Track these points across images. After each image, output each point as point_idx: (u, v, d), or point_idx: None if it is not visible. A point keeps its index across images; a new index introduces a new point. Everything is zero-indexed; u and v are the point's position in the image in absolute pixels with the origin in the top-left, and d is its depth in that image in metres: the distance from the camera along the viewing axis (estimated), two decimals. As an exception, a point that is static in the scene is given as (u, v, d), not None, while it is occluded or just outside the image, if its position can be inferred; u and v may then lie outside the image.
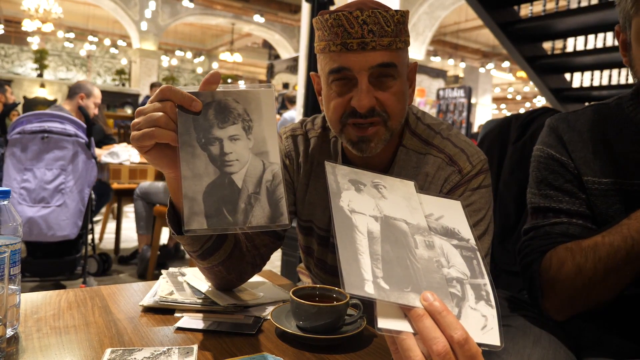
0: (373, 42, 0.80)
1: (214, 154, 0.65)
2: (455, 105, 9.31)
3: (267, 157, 0.67)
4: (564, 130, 0.96)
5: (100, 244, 4.13)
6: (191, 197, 0.62)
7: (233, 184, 0.65)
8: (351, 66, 0.82)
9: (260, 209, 0.64)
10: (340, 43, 0.81)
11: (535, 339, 0.85)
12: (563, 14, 3.24)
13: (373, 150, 0.86)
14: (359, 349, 0.73)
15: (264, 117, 0.68)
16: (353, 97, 0.83)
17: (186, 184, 0.63)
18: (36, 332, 0.73)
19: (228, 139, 0.66)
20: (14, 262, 0.70)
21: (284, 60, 11.57)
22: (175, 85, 0.67)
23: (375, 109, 0.83)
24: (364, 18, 0.80)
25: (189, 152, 0.64)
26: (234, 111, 0.67)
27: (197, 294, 0.90)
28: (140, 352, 0.67)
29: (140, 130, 0.66)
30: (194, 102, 0.65)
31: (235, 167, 0.65)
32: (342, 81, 0.84)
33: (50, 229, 2.49)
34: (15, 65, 14.73)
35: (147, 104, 0.68)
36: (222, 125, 0.66)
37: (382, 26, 0.81)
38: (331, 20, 0.81)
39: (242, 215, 0.63)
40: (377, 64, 0.81)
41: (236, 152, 0.66)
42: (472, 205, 0.87)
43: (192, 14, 13.85)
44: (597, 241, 0.81)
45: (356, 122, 0.84)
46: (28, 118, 2.58)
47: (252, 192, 0.65)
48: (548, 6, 3.76)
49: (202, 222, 0.62)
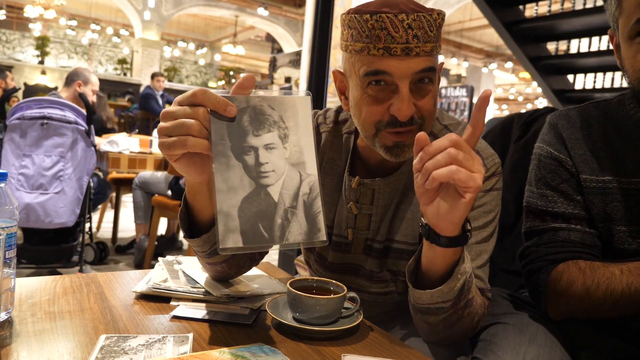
0: (417, 48, 0.76)
1: (249, 164, 0.62)
2: (457, 104, 9.29)
3: (304, 168, 0.63)
4: (563, 127, 0.96)
5: (97, 233, 4.12)
6: (226, 213, 0.59)
7: (269, 197, 0.61)
8: (393, 72, 0.77)
9: (297, 224, 0.61)
10: (383, 47, 0.76)
11: (532, 337, 0.85)
12: (568, 15, 3.23)
13: (407, 155, 0.82)
14: (355, 342, 0.73)
15: (301, 125, 0.64)
16: (392, 104, 0.78)
17: (220, 197, 0.59)
18: (30, 317, 0.72)
19: (264, 148, 0.63)
20: (9, 246, 0.69)
21: (286, 54, 11.53)
22: (180, 77, 0.64)
23: (414, 116, 0.79)
24: (409, 22, 0.75)
25: (224, 163, 0.61)
26: (269, 118, 0.63)
27: (191, 283, 0.89)
28: (135, 339, 0.66)
29: (170, 138, 0.62)
30: (228, 107, 0.61)
31: (271, 179, 0.62)
32: (380, 85, 0.79)
33: (47, 216, 2.49)
34: (17, 51, 14.65)
35: (175, 107, 0.64)
36: (257, 133, 0.63)
37: (426, 31, 0.76)
38: (372, 21, 0.76)
39: (278, 232, 0.60)
40: (420, 69, 0.77)
41: (272, 162, 0.63)
42: (483, 206, 0.86)
43: (195, 5, 13.78)
44: (614, 274, 0.81)
45: (395, 130, 0.80)
46: (28, 104, 2.57)
47: (289, 206, 0.62)
48: (553, 7, 3.75)
49: (238, 241, 0.59)
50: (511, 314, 0.95)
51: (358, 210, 0.94)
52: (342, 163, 0.98)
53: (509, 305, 1.00)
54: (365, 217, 0.94)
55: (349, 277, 0.98)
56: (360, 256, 0.97)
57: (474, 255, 0.84)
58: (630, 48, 0.83)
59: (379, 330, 0.79)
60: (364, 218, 0.95)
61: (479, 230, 0.85)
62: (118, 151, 3.50)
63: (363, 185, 0.93)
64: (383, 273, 0.94)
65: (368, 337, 0.76)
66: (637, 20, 0.80)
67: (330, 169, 0.98)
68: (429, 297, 0.75)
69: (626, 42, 0.84)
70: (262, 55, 18.71)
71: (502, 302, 1.02)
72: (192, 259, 1.01)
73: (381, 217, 0.93)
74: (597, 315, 0.85)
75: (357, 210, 0.94)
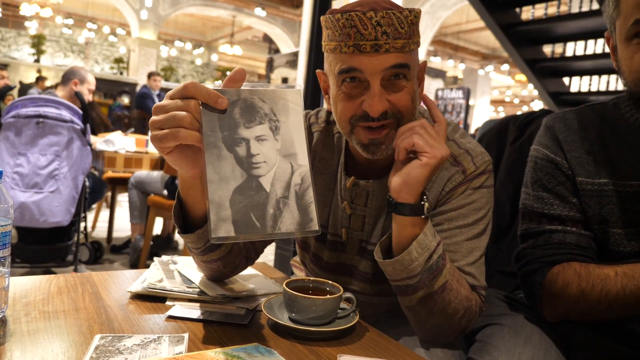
0: (386, 45, 0.77)
1: (240, 156, 0.62)
2: (454, 106, 9.32)
3: (295, 159, 0.64)
4: (560, 130, 0.97)
5: (92, 232, 4.11)
6: (218, 203, 0.59)
7: (261, 188, 0.62)
8: (363, 68, 0.79)
9: (290, 214, 0.61)
10: (353, 45, 0.78)
11: (527, 338, 0.86)
12: (564, 18, 3.25)
13: (384, 152, 0.84)
14: (351, 343, 0.73)
15: (291, 117, 0.65)
16: (365, 100, 0.80)
17: (212, 188, 0.60)
18: (24, 316, 0.72)
19: (255, 140, 0.63)
20: (4, 244, 0.68)
21: (284, 55, 11.52)
22: (176, 76, 0.65)
23: (388, 111, 0.81)
24: (377, 19, 0.77)
25: (215, 154, 0.61)
26: (260, 110, 0.64)
27: (186, 283, 0.89)
28: (130, 339, 0.66)
29: (162, 130, 0.62)
30: (219, 99, 0.62)
31: (262, 170, 0.63)
32: (353, 82, 0.81)
33: (42, 215, 2.47)
34: (12, 49, 14.56)
35: (167, 100, 0.64)
36: (249, 125, 0.63)
37: (396, 28, 0.78)
38: (343, 20, 0.78)
39: (270, 222, 0.61)
40: (391, 65, 0.78)
41: (263, 153, 0.63)
42: (473, 203, 0.86)
43: (193, 5, 13.76)
44: (608, 276, 0.81)
45: (367, 125, 0.82)
46: (23, 102, 2.55)
47: (281, 196, 0.62)
48: (549, 10, 3.76)
49: (230, 230, 0.59)
50: (507, 315, 0.96)
51: (352, 210, 0.95)
52: (334, 162, 0.98)
53: (504, 306, 1.01)
54: (359, 218, 0.95)
55: (344, 277, 0.99)
56: (355, 257, 0.97)
57: (466, 252, 0.85)
58: (628, 49, 0.83)
59: (374, 331, 0.79)
60: (358, 219, 0.95)
61: (469, 227, 0.86)
62: (114, 150, 3.49)
63: (357, 186, 0.93)
64: (377, 275, 0.95)
65: (364, 337, 0.76)
66: (634, 22, 0.80)
67: (323, 168, 0.99)
68: (391, 269, 0.78)
69: (623, 44, 0.84)
70: (259, 55, 18.70)
71: (498, 303, 1.03)
72: (187, 258, 1.01)
73: (375, 219, 0.94)
74: (592, 317, 0.85)
75: (350, 210, 0.95)
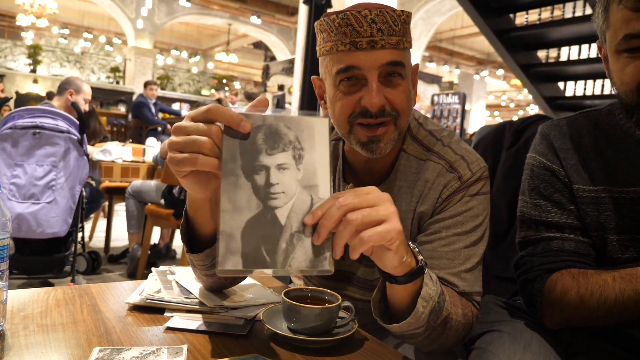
0: (382, 41, 0.80)
1: (258, 184, 0.60)
2: (450, 111, 9.36)
3: (316, 192, 0.61)
4: (555, 138, 0.97)
5: (90, 242, 4.09)
6: (229, 234, 0.58)
7: (275, 221, 0.60)
8: (361, 65, 0.80)
9: (303, 250, 0.59)
10: (349, 42, 0.80)
11: (526, 345, 0.86)
12: (558, 23, 3.28)
13: (383, 150, 0.85)
14: (350, 352, 0.73)
15: (317, 147, 0.62)
16: (363, 96, 0.81)
17: (225, 218, 0.58)
18: (22, 330, 0.71)
19: (275, 168, 0.61)
20: (1, 258, 0.68)
21: (279, 62, 11.57)
22: (173, 85, 0.64)
23: (385, 108, 0.82)
24: (372, 17, 0.79)
25: (232, 182, 0.59)
26: (285, 137, 0.62)
27: (185, 294, 0.89)
28: (128, 351, 0.66)
29: (181, 154, 0.61)
30: (243, 122, 0.60)
31: (280, 201, 0.60)
32: (351, 81, 0.82)
33: (39, 226, 2.46)
34: (8, 60, 14.56)
35: (188, 122, 0.62)
36: (271, 152, 0.61)
37: (390, 25, 0.80)
38: (338, 20, 0.80)
39: (281, 257, 0.59)
40: (387, 62, 0.80)
41: (283, 183, 0.61)
42: (470, 211, 0.87)
43: (188, 14, 13.81)
44: (606, 281, 0.82)
45: (366, 122, 0.82)
46: (20, 113, 2.55)
47: (296, 230, 0.59)
48: (543, 15, 3.80)
49: (238, 263, 0.57)
50: (506, 321, 0.96)
51: None
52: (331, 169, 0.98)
53: (503, 312, 1.01)
54: None
55: (342, 284, 0.99)
56: (353, 263, 0.97)
57: (463, 260, 0.85)
58: (618, 62, 0.84)
59: (373, 340, 0.79)
60: None
61: (466, 234, 0.86)
62: (111, 160, 3.48)
63: None
64: (375, 281, 0.95)
65: (363, 346, 0.76)
66: (624, 37, 0.81)
67: None
68: (398, 329, 0.76)
69: (614, 56, 0.85)
70: (255, 63, 18.76)
71: (497, 310, 1.03)
72: (185, 269, 1.00)
73: None
74: (592, 323, 0.85)
75: None
